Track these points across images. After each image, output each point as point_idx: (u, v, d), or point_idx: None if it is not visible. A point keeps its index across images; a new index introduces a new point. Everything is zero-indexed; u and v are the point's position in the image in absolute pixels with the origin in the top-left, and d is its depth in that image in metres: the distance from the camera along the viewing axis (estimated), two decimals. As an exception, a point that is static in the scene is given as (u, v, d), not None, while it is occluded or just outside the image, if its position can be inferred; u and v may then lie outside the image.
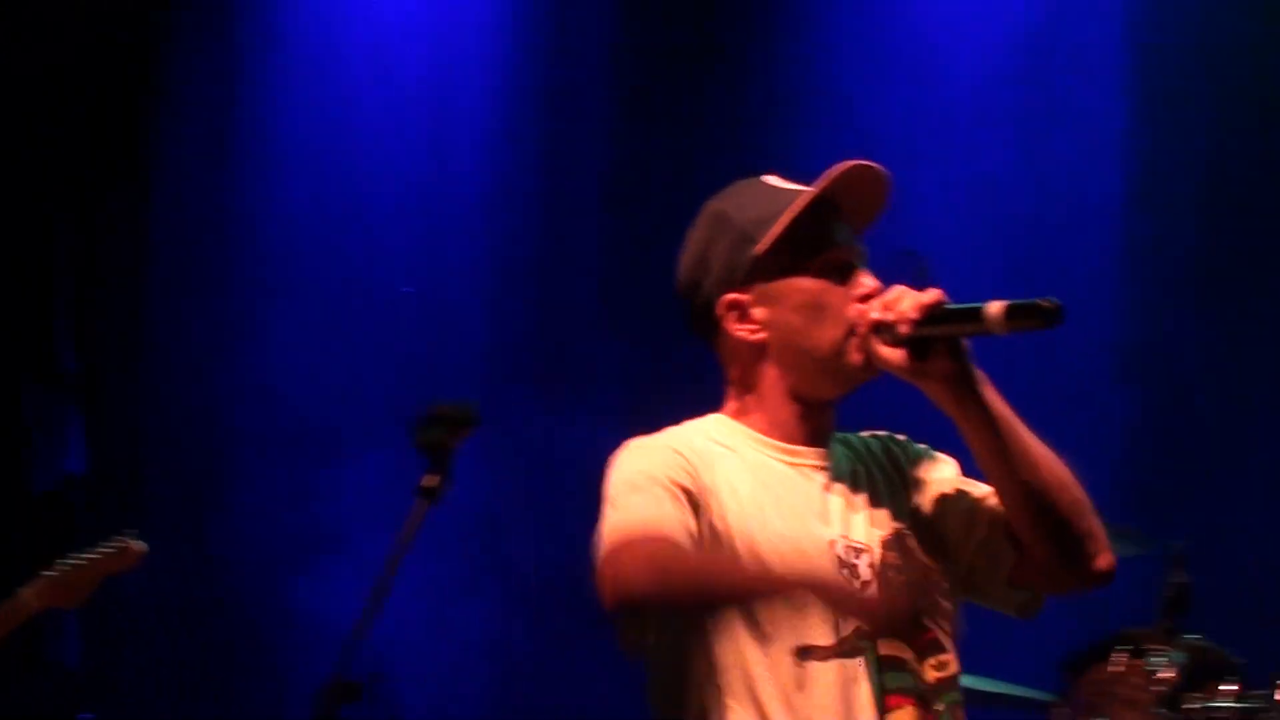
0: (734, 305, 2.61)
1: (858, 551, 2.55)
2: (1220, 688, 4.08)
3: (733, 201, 2.66)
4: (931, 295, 2.52)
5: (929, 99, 6.16)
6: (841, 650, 2.50)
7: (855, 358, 2.57)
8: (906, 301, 2.52)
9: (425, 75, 6.53)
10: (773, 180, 2.69)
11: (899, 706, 2.52)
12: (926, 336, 2.51)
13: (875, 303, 2.56)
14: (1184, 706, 4.08)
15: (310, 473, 6.27)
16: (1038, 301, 2.45)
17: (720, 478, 2.55)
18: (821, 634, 2.50)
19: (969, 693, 4.32)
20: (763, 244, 2.59)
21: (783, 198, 2.62)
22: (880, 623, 2.43)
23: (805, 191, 2.61)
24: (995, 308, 2.47)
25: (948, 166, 5.96)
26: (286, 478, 6.29)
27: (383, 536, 2.74)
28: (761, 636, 2.49)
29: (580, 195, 6.49)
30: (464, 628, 6.18)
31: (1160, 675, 4.10)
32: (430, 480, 2.70)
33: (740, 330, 2.61)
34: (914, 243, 2.79)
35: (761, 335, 2.60)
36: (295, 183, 6.48)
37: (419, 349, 6.34)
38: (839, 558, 2.54)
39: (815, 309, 2.58)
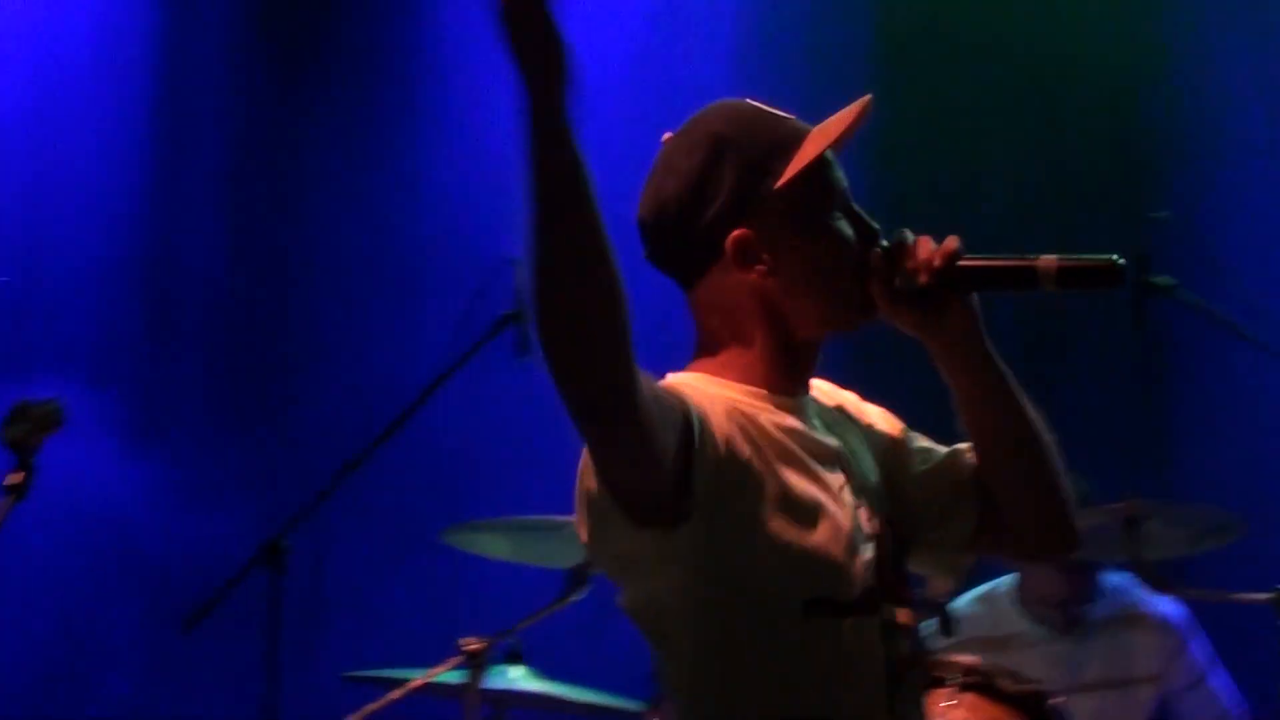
0: (743, 242, 2.30)
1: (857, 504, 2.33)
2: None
3: (731, 125, 2.33)
4: (951, 243, 2.30)
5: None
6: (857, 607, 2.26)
7: (863, 304, 2.33)
8: (927, 249, 2.30)
9: (33, 61, 6.35)
10: (761, 105, 2.38)
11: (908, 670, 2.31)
12: (945, 287, 2.29)
13: (888, 247, 2.33)
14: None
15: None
16: (1103, 259, 2.22)
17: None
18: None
19: (559, 702, 4.38)
20: (784, 177, 2.29)
21: (786, 127, 2.34)
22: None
23: (817, 127, 2.34)
24: (1048, 263, 2.23)
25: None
26: None
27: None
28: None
29: (193, 190, 6.40)
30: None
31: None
32: (15, 478, 2.77)
33: (748, 272, 2.30)
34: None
35: (770, 279, 2.30)
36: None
37: (14, 343, 6.16)
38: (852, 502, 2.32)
39: (829, 253, 2.31)
